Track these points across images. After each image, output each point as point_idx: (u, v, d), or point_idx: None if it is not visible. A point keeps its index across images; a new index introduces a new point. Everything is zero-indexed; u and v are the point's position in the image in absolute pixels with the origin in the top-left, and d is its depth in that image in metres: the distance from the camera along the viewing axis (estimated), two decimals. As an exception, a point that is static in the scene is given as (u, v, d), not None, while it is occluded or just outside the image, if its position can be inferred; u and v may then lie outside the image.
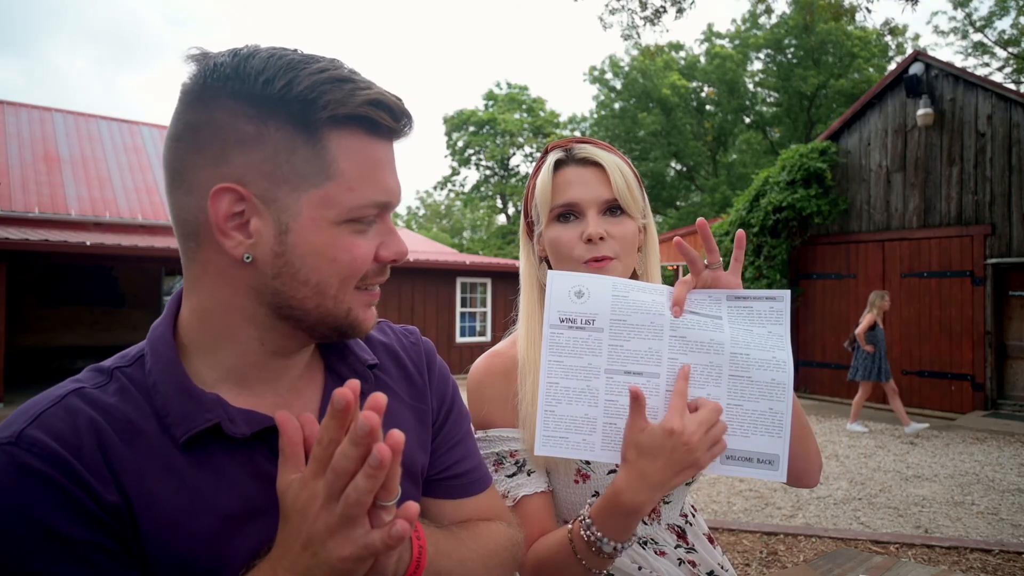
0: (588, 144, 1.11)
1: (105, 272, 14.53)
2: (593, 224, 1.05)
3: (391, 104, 0.68)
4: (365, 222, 0.69)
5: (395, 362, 0.89)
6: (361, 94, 0.66)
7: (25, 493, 0.57)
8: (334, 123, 0.66)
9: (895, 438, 7.59)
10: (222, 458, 0.67)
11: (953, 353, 9.31)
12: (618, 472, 0.89)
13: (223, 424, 0.67)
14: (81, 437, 0.61)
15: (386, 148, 0.71)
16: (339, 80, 0.66)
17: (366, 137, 0.68)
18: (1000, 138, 8.99)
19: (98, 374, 0.69)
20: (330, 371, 0.81)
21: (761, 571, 3.79)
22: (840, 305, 10.57)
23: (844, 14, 9.97)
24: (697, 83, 31.07)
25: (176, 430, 0.65)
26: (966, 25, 24.19)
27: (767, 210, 10.73)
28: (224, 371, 0.71)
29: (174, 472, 0.64)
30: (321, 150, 0.65)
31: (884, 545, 4.13)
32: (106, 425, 0.63)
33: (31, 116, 14.39)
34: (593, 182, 1.07)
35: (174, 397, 0.67)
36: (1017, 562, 3.88)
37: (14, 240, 9.23)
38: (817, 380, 10.81)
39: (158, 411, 0.66)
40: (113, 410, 0.65)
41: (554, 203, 1.09)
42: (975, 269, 9.11)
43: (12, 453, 0.58)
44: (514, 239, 32.64)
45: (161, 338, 0.71)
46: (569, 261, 1.07)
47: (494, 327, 14.74)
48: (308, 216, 0.66)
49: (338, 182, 0.66)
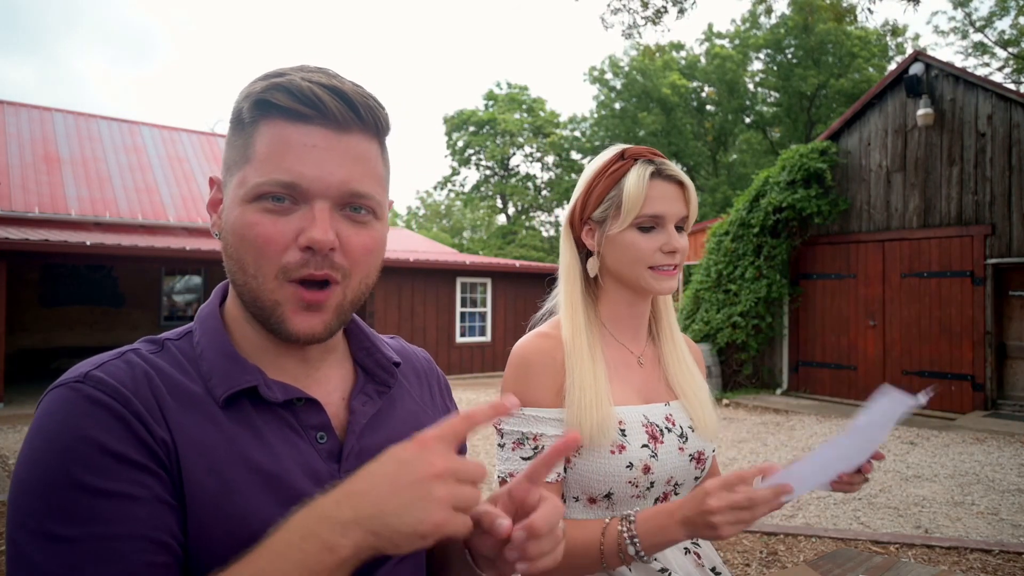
0: (666, 160, 1.21)
1: (105, 272, 14.53)
2: (676, 238, 1.18)
3: (300, 89, 0.69)
4: (274, 202, 0.69)
5: (412, 370, 0.94)
6: (272, 82, 0.70)
7: (90, 419, 0.63)
8: (259, 113, 0.71)
9: (895, 438, 7.59)
10: (257, 419, 0.72)
11: (953, 353, 9.31)
12: (679, 505, 1.02)
13: (260, 387, 0.72)
14: (137, 383, 0.68)
15: (307, 133, 0.70)
16: (270, 75, 0.72)
17: (283, 122, 0.70)
18: (1000, 138, 8.99)
19: (151, 344, 0.76)
20: (358, 364, 0.86)
21: (761, 571, 3.79)
22: (840, 305, 10.57)
23: (845, 15, 9.96)
24: (697, 83, 31.07)
25: (217, 389, 0.71)
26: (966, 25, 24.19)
27: (767, 210, 10.73)
28: (256, 349, 0.77)
29: (215, 424, 0.70)
30: (247, 137, 0.72)
31: (884, 545, 4.13)
32: (158, 380, 0.70)
33: (31, 116, 14.39)
34: (677, 200, 1.18)
35: (218, 360, 0.74)
36: (1017, 562, 3.88)
37: (14, 240, 9.22)
38: (817, 380, 10.81)
39: (203, 376, 0.73)
40: (164, 369, 0.72)
41: (643, 212, 1.16)
42: (975, 269, 9.11)
43: (79, 388, 0.65)
44: (514, 239, 32.66)
45: (210, 315, 0.79)
46: (640, 266, 1.18)
47: (494, 327, 14.74)
48: (231, 196, 0.73)
49: (252, 163, 0.70)
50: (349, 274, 0.73)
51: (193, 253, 10.88)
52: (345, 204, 0.72)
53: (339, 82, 0.72)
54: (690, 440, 1.21)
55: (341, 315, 0.75)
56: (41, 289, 13.85)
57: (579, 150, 34.02)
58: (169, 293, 15.51)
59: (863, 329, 10.26)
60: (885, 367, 10.01)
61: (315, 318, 0.72)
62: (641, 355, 1.27)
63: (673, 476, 1.18)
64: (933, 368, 9.50)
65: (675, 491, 1.20)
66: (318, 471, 0.73)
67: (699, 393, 1.26)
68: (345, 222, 0.72)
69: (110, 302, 14.57)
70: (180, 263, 13.52)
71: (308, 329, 0.72)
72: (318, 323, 0.73)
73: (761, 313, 10.96)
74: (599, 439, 1.12)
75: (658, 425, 1.19)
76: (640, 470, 1.13)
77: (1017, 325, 9.06)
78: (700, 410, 1.24)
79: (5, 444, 6.90)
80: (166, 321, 15.19)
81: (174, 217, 14.06)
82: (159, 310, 15.24)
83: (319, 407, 0.76)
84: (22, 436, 7.30)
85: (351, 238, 0.72)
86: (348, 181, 0.71)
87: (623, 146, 1.23)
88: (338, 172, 0.70)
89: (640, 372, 1.25)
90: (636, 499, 1.16)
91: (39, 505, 0.60)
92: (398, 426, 0.83)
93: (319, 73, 0.73)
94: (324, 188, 0.70)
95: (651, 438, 1.16)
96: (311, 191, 0.70)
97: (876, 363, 10.10)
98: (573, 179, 34.25)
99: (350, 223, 0.73)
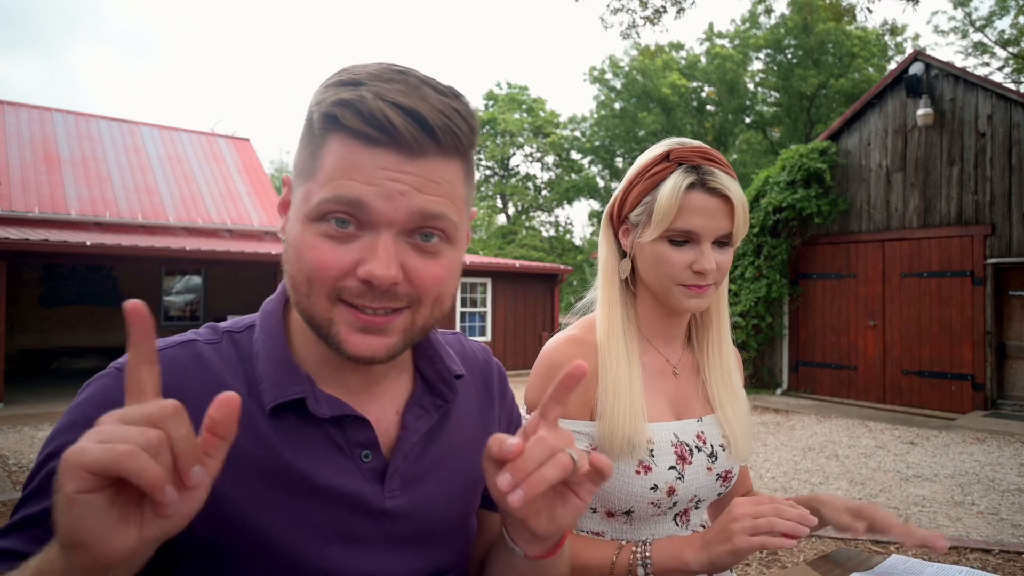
0: (716, 167, 1.07)
1: (105, 272, 14.53)
2: (707, 258, 1.06)
3: (371, 111, 0.62)
4: (338, 226, 0.64)
5: (471, 376, 0.90)
6: (342, 96, 0.64)
7: (121, 399, 0.63)
8: (328, 126, 0.65)
9: (895, 438, 7.59)
10: (301, 432, 0.71)
11: (953, 353, 9.31)
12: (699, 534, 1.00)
13: (308, 401, 0.70)
14: (185, 376, 0.69)
15: (376, 156, 0.64)
16: (343, 82, 0.65)
17: (351, 141, 0.64)
18: (1000, 138, 8.99)
19: (213, 332, 0.76)
20: (420, 374, 0.83)
21: (761, 571, 3.79)
22: (840, 305, 10.57)
23: (844, 14, 9.97)
24: (697, 83, 31.06)
25: (266, 396, 0.70)
26: (966, 25, 24.18)
27: (767, 210, 10.73)
28: (316, 356, 0.74)
29: (254, 431, 0.69)
30: (316, 149, 0.67)
31: (884, 545, 4.13)
32: (200, 376, 0.70)
33: (31, 116, 14.39)
34: (718, 215, 1.06)
35: (271, 365, 0.72)
36: (1017, 562, 3.88)
37: (14, 240, 9.22)
38: (817, 380, 10.81)
39: (254, 379, 0.72)
40: (214, 366, 0.71)
41: (674, 225, 1.06)
42: (975, 269, 9.11)
43: (119, 376, 0.66)
44: (514, 239, 32.65)
45: (272, 314, 0.77)
46: (668, 281, 1.09)
47: (494, 327, 14.74)
48: (296, 208, 0.69)
49: (317, 178, 0.66)
50: (418, 300, 0.68)
51: (193, 253, 10.87)
52: (414, 231, 0.66)
53: (418, 99, 0.64)
54: (719, 460, 1.16)
55: (408, 339, 0.70)
56: (41, 289, 13.85)
57: (579, 150, 34.02)
58: (169, 293, 15.50)
59: (863, 329, 10.27)
60: (885, 367, 10.01)
61: (375, 340, 0.67)
62: (677, 364, 1.20)
63: (697, 495, 1.14)
64: (933, 368, 9.50)
65: (696, 506, 1.18)
66: (357, 491, 0.71)
67: (738, 412, 1.19)
68: (412, 252, 0.67)
69: (110, 302, 14.57)
70: (180, 263, 13.53)
71: (367, 352, 0.67)
72: (379, 346, 0.67)
73: (761, 313, 10.96)
74: (627, 454, 1.07)
75: (688, 445, 1.13)
76: (665, 492, 1.08)
77: (1017, 325, 9.06)
78: (736, 429, 1.17)
79: (5, 444, 6.89)
80: (166, 321, 15.19)
81: (174, 217, 14.06)
82: (159, 310, 15.24)
83: (367, 424, 0.73)
84: (22, 436, 7.30)
85: (419, 270, 0.67)
86: (418, 205, 0.65)
87: (675, 143, 1.11)
88: (408, 195, 0.64)
89: (674, 383, 1.18)
90: (656, 517, 1.12)
91: (40, 469, 0.64)
92: (451, 442, 0.81)
93: (397, 87, 0.64)
94: (390, 215, 0.64)
95: (679, 459, 1.11)
96: (376, 218, 0.64)
97: (876, 363, 10.10)
98: (573, 179, 34.27)
99: (418, 253, 0.67)
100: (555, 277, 15.52)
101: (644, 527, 1.13)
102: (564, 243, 34.26)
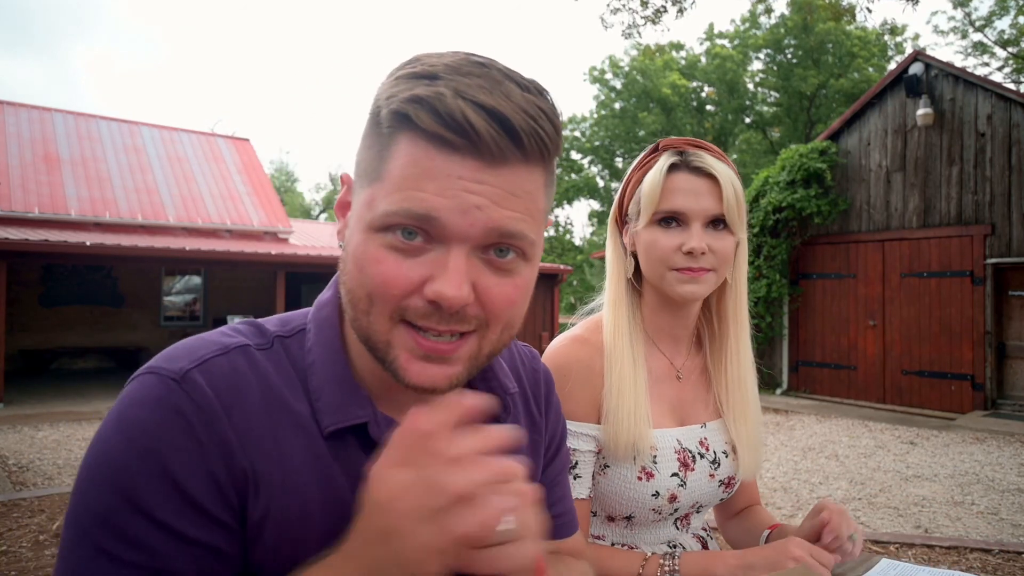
0: (704, 151, 1.08)
1: (105, 272, 14.53)
2: (697, 238, 1.04)
3: (450, 111, 0.55)
4: (405, 237, 0.58)
5: (520, 387, 0.84)
6: (417, 93, 0.57)
7: (169, 433, 0.57)
8: (400, 124, 0.58)
9: (895, 438, 7.59)
10: (360, 458, 0.64)
11: (953, 353, 9.31)
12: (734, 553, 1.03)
13: (369, 425, 0.65)
14: (237, 396, 0.61)
15: (453, 162, 0.57)
16: (418, 74, 0.58)
17: (425, 144, 0.57)
18: (1000, 138, 8.99)
19: (260, 336, 0.68)
20: (472, 387, 0.78)
21: (761, 571, 3.79)
22: (840, 305, 10.57)
23: (844, 14, 9.97)
24: (697, 83, 31.06)
25: (324, 418, 0.64)
26: (966, 25, 24.18)
27: (767, 210, 10.74)
28: (374, 374, 0.68)
29: (316, 455, 0.63)
30: (383, 150, 0.60)
31: (884, 545, 4.13)
32: (261, 394, 0.63)
33: (31, 116, 14.39)
34: (704, 194, 1.05)
35: (330, 384, 0.66)
36: (1017, 562, 3.88)
37: (14, 240, 9.22)
38: (817, 380, 10.81)
39: (310, 393, 0.65)
40: (270, 379, 0.64)
41: (660, 207, 1.06)
42: (975, 269, 9.12)
43: (172, 390, 0.59)
44: (514, 239, 32.65)
45: (327, 321, 0.69)
46: (661, 266, 1.07)
47: (494, 327, 14.73)
48: (357, 213, 0.62)
49: (384, 183, 0.59)
50: (486, 323, 0.62)
51: (193, 253, 10.88)
52: (489, 246, 0.60)
53: (501, 98, 0.57)
54: (723, 466, 1.15)
55: (473, 368, 0.63)
56: (41, 289, 13.84)
57: (579, 150, 34.02)
58: (169, 293, 15.50)
59: (863, 329, 10.27)
60: (885, 367, 10.02)
61: (436, 369, 0.61)
62: (681, 368, 1.18)
63: (699, 501, 1.14)
64: (933, 368, 9.50)
65: (697, 511, 1.17)
66: None
67: (747, 422, 1.16)
68: (486, 270, 0.60)
69: (110, 302, 14.57)
70: (180, 263, 13.51)
71: (428, 383, 0.61)
72: (440, 377, 0.61)
73: (761, 313, 10.96)
74: (631, 459, 1.06)
75: (691, 451, 1.12)
76: (666, 499, 1.08)
77: (1017, 325, 9.06)
78: (743, 439, 1.15)
79: (5, 444, 6.89)
80: (166, 321, 15.19)
81: (174, 217, 14.05)
82: (159, 310, 15.24)
83: None
84: (22, 436, 7.29)
85: (491, 290, 0.60)
86: (495, 221, 0.58)
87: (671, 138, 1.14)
88: (485, 209, 0.58)
89: (677, 388, 1.17)
90: (657, 522, 1.12)
91: (97, 509, 0.57)
92: None
93: (479, 83, 0.57)
94: (465, 229, 0.58)
95: (682, 465, 1.10)
96: (448, 232, 0.58)
97: (876, 363, 10.11)
98: (573, 179, 34.26)
99: (492, 271, 0.61)
100: (555, 277, 15.51)
101: (645, 531, 1.13)
102: (564, 243, 34.26)
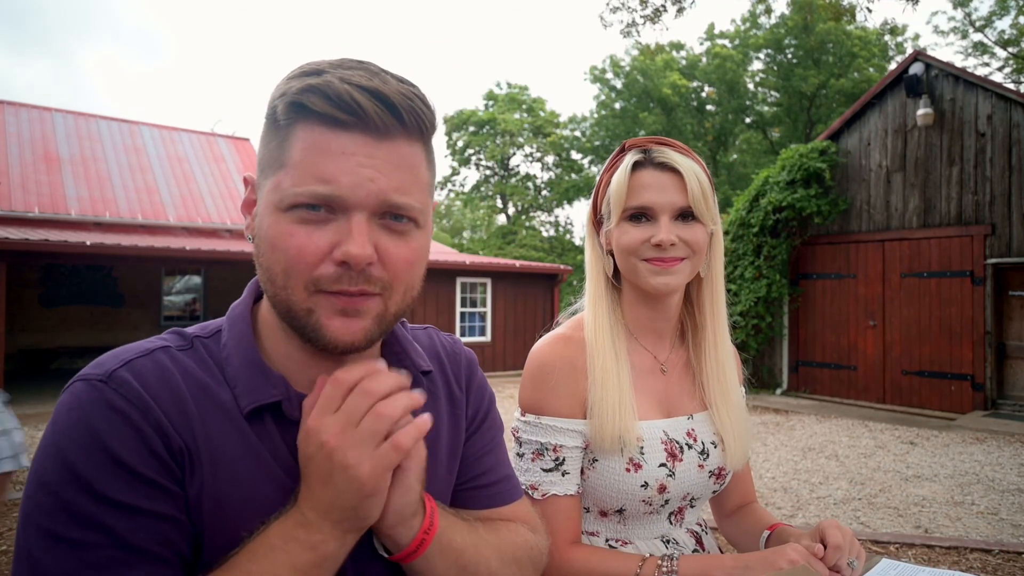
0: (667, 147, 1.12)
1: (105, 272, 14.53)
2: (665, 230, 1.08)
3: (338, 93, 0.64)
4: (309, 211, 0.66)
5: (439, 369, 0.90)
6: (307, 83, 0.65)
7: (106, 425, 0.62)
8: (294, 115, 0.67)
9: (895, 438, 7.59)
10: (279, 435, 0.71)
11: (953, 353, 9.31)
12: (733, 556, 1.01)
13: (284, 403, 0.71)
14: (162, 386, 0.66)
15: (345, 140, 0.65)
16: (306, 72, 0.67)
17: (319, 127, 0.66)
18: (1000, 138, 8.99)
19: (181, 339, 0.74)
20: None
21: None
22: (840, 305, 10.57)
23: (844, 14, 9.97)
24: (697, 83, 31.05)
25: (242, 400, 0.70)
26: (966, 25, 24.17)
27: (767, 210, 10.73)
28: (286, 355, 0.74)
29: (242, 435, 0.69)
30: (283, 141, 0.67)
31: (884, 545, 4.13)
32: (184, 384, 0.68)
33: (31, 116, 14.39)
34: (669, 188, 1.09)
35: (244, 369, 0.71)
36: (1017, 562, 3.88)
37: (14, 240, 9.22)
38: (817, 380, 10.81)
39: (229, 380, 0.71)
40: (192, 372, 0.70)
41: (627, 204, 1.11)
42: (975, 269, 9.11)
43: (101, 389, 0.64)
44: (514, 239, 32.63)
45: (240, 317, 0.76)
46: (633, 259, 1.11)
47: (494, 327, 14.73)
48: (265, 200, 0.69)
49: (287, 169, 0.66)
50: (390, 286, 0.69)
51: (193, 253, 10.88)
52: (385, 213, 0.68)
53: (381, 82, 0.67)
54: (711, 456, 1.16)
55: (382, 325, 0.71)
56: (41, 289, 13.85)
57: (579, 150, 34.01)
58: (169, 293, 15.50)
59: (863, 329, 10.27)
60: (885, 367, 10.01)
61: (354, 324, 0.68)
62: (665, 362, 1.20)
63: (690, 492, 1.14)
64: (933, 368, 9.50)
65: (691, 504, 1.17)
66: None
67: (732, 410, 1.18)
68: (384, 233, 0.68)
69: (110, 302, 14.57)
70: (180, 263, 13.53)
71: (347, 336, 0.68)
72: (357, 330, 0.68)
73: (761, 313, 10.96)
74: (618, 451, 1.07)
75: (678, 442, 1.13)
76: (655, 490, 1.09)
77: (1017, 325, 9.06)
78: (729, 427, 1.17)
79: (5, 444, 6.89)
80: (166, 321, 15.19)
81: (174, 217, 14.05)
82: (159, 310, 15.24)
83: None
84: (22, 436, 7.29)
85: (390, 250, 0.68)
86: (388, 190, 0.67)
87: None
88: (378, 181, 0.66)
89: (662, 381, 1.18)
90: (649, 515, 1.12)
91: (49, 503, 0.60)
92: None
93: (360, 72, 0.67)
94: (363, 198, 0.66)
95: (669, 456, 1.11)
96: (348, 202, 0.66)
97: (876, 363, 10.10)
98: (573, 179, 34.26)
99: (390, 234, 0.69)
100: (555, 277, 15.51)
101: (638, 526, 1.13)
102: (564, 243, 34.24)
